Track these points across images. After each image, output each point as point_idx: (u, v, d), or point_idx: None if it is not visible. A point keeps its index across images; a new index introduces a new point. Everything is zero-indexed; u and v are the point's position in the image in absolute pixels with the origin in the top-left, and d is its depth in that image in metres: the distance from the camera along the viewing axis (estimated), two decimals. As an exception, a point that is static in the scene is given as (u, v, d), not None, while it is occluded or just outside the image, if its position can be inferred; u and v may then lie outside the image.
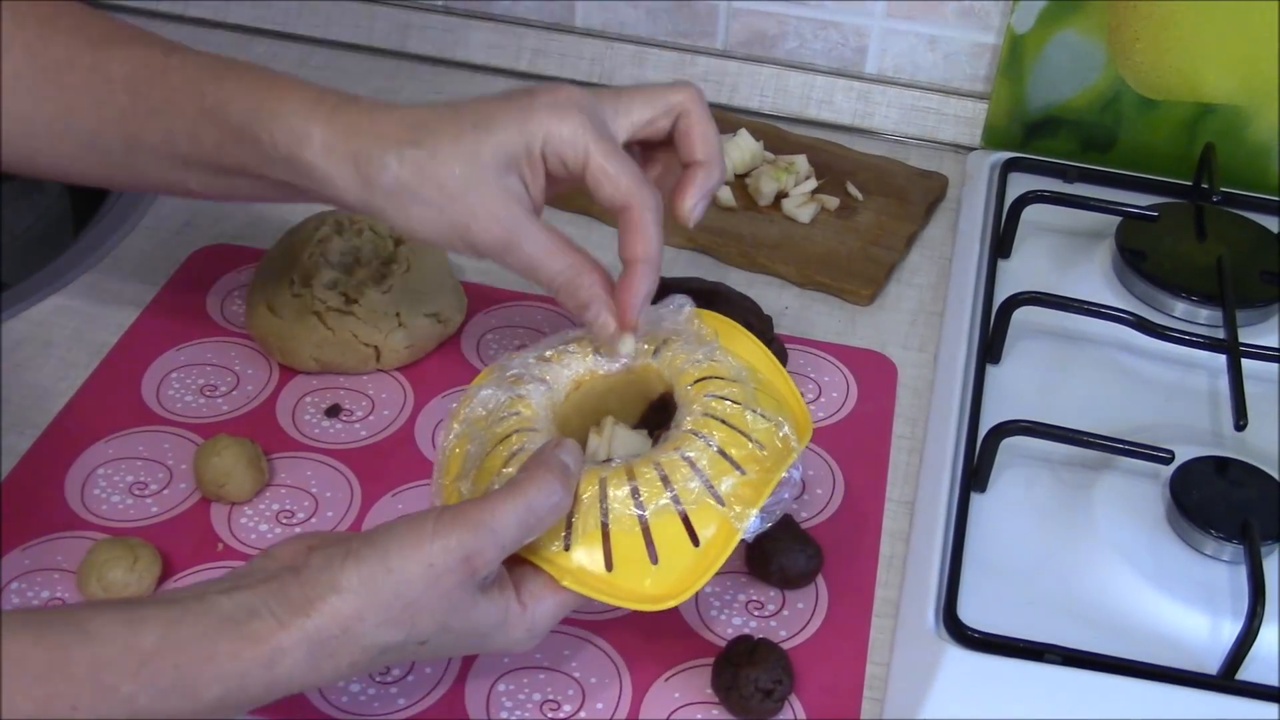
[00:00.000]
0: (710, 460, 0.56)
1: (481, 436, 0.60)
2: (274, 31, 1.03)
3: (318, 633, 0.49)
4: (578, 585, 0.55)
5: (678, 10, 0.98)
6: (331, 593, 0.50)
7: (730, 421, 0.58)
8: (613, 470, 0.56)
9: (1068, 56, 0.89)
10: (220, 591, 0.50)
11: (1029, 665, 0.58)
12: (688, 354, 0.61)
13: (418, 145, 0.58)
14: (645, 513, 0.55)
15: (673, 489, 0.55)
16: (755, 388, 0.61)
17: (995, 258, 0.81)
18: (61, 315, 0.78)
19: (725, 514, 0.56)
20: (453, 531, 0.51)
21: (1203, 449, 0.67)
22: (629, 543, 0.55)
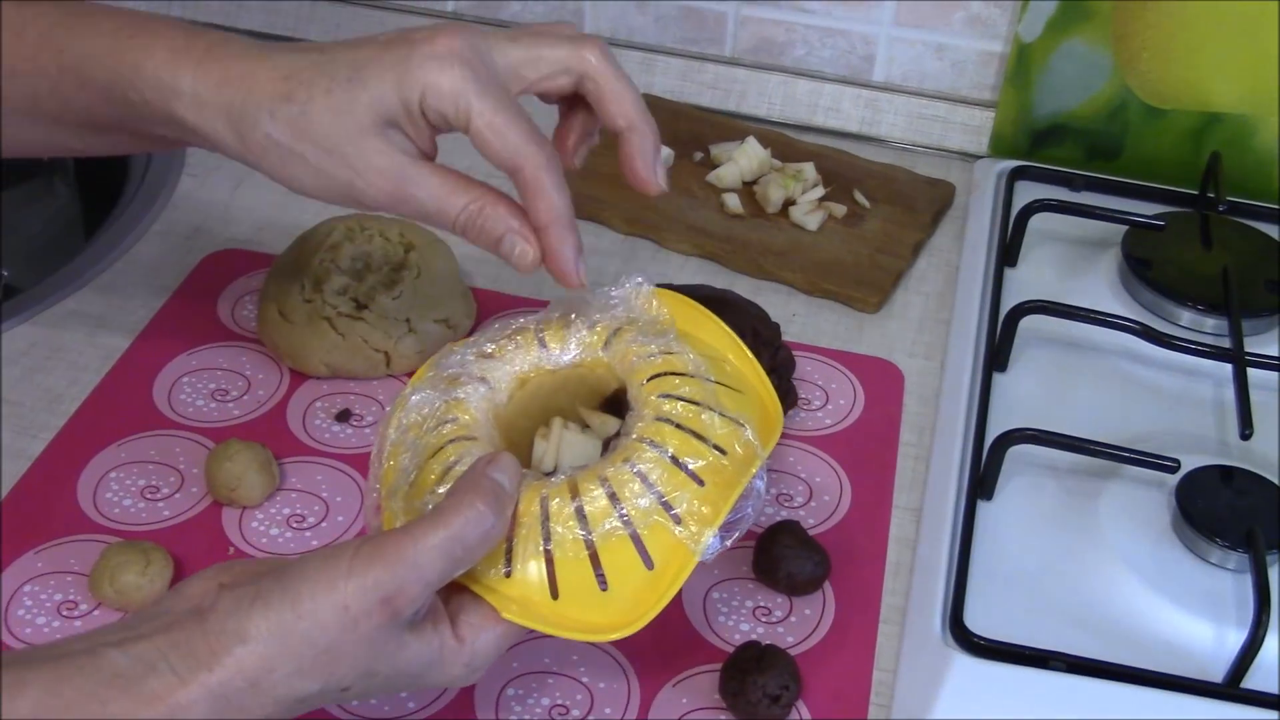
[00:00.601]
0: (664, 472, 0.52)
1: (416, 446, 0.55)
2: (285, 37, 1.03)
3: (221, 687, 0.45)
4: (520, 618, 0.50)
5: (686, 17, 0.98)
6: (237, 643, 0.45)
7: (686, 426, 0.53)
8: (555, 487, 0.52)
9: (1074, 65, 0.89)
10: (114, 644, 0.45)
11: (1035, 672, 0.59)
12: (641, 347, 0.57)
13: (289, 100, 0.55)
14: (592, 536, 0.51)
15: (622, 508, 0.51)
16: (717, 381, 0.56)
17: (1002, 266, 0.82)
18: (73, 319, 0.78)
19: (680, 535, 0.51)
20: (369, 570, 0.46)
21: (1208, 458, 0.67)
22: (575, 569, 0.51)
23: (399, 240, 0.77)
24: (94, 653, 0.45)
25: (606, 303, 0.59)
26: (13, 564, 0.64)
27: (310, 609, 0.46)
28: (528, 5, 1.00)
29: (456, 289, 0.77)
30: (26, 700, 0.43)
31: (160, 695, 0.44)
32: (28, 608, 0.62)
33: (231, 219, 0.86)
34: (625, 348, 0.58)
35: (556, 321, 0.60)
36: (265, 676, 0.46)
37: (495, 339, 0.59)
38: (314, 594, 0.46)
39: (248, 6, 1.03)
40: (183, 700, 0.44)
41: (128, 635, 0.46)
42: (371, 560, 0.47)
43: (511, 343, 0.59)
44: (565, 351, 0.59)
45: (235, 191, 0.88)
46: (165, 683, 0.44)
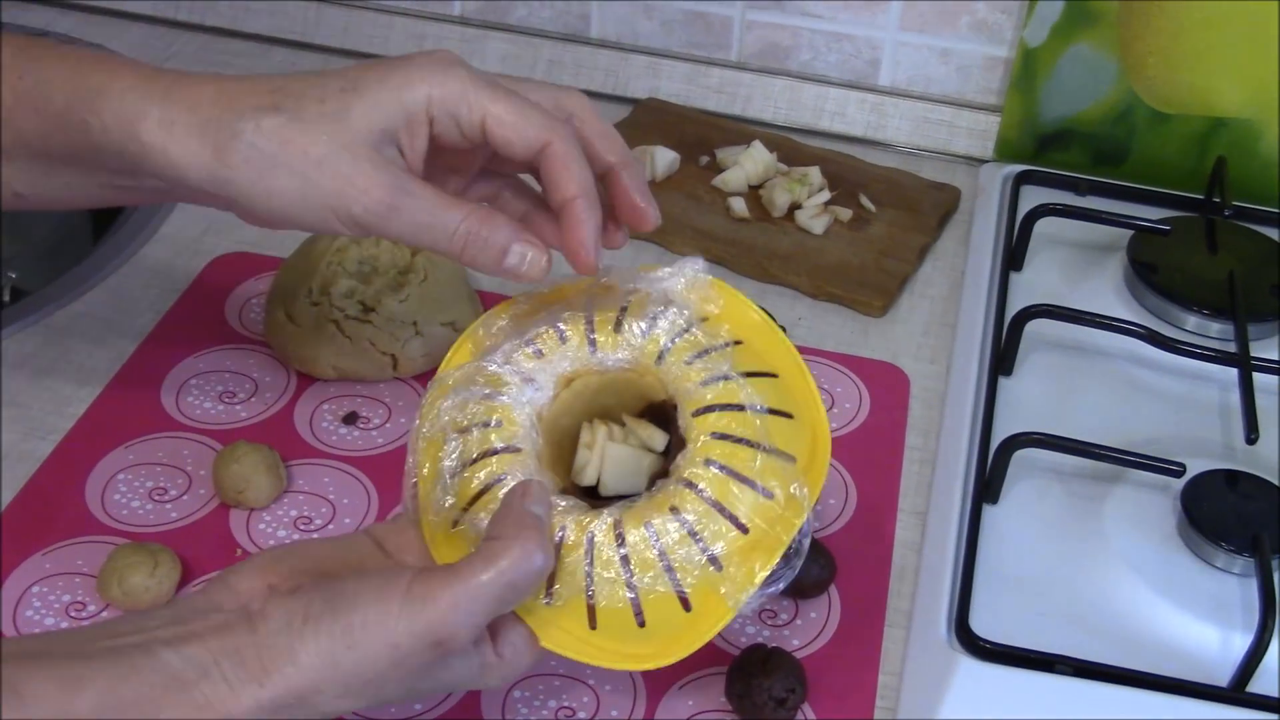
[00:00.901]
0: (710, 522, 0.52)
1: (457, 448, 0.55)
2: (291, 41, 1.04)
3: (271, 702, 0.46)
4: (558, 646, 0.51)
5: (692, 22, 0.98)
6: (287, 662, 0.46)
7: (736, 470, 0.52)
8: (602, 530, 0.52)
9: (1080, 70, 0.89)
10: (168, 642, 0.46)
11: (1040, 676, 0.59)
12: (697, 372, 0.55)
13: (277, 110, 0.52)
14: (634, 583, 0.51)
15: (667, 560, 0.51)
16: (770, 409, 0.54)
17: (1007, 270, 0.82)
18: (81, 322, 0.78)
19: (721, 589, 0.51)
20: (422, 613, 0.47)
21: (1214, 462, 0.68)
22: (617, 612, 0.51)
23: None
24: (149, 650, 0.46)
25: (661, 291, 0.57)
26: (21, 565, 0.64)
27: (361, 641, 0.47)
28: (534, 11, 1.01)
29: (463, 292, 0.78)
30: (85, 700, 0.44)
31: (211, 703, 0.46)
32: (36, 608, 0.62)
33: (239, 222, 0.85)
34: (680, 370, 0.56)
35: (607, 318, 0.57)
36: (313, 695, 0.47)
37: (544, 333, 0.57)
38: (365, 627, 0.47)
39: (254, 9, 1.04)
40: (233, 710, 0.46)
41: (180, 633, 0.47)
42: (425, 603, 0.47)
43: (561, 338, 0.57)
44: (616, 355, 0.57)
45: (242, 195, 0.88)
46: (217, 691, 0.46)
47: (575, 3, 1.00)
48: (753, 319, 0.58)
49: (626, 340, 0.57)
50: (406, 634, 0.47)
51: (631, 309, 0.57)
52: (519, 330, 0.58)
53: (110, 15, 1.05)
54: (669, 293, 0.57)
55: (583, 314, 0.58)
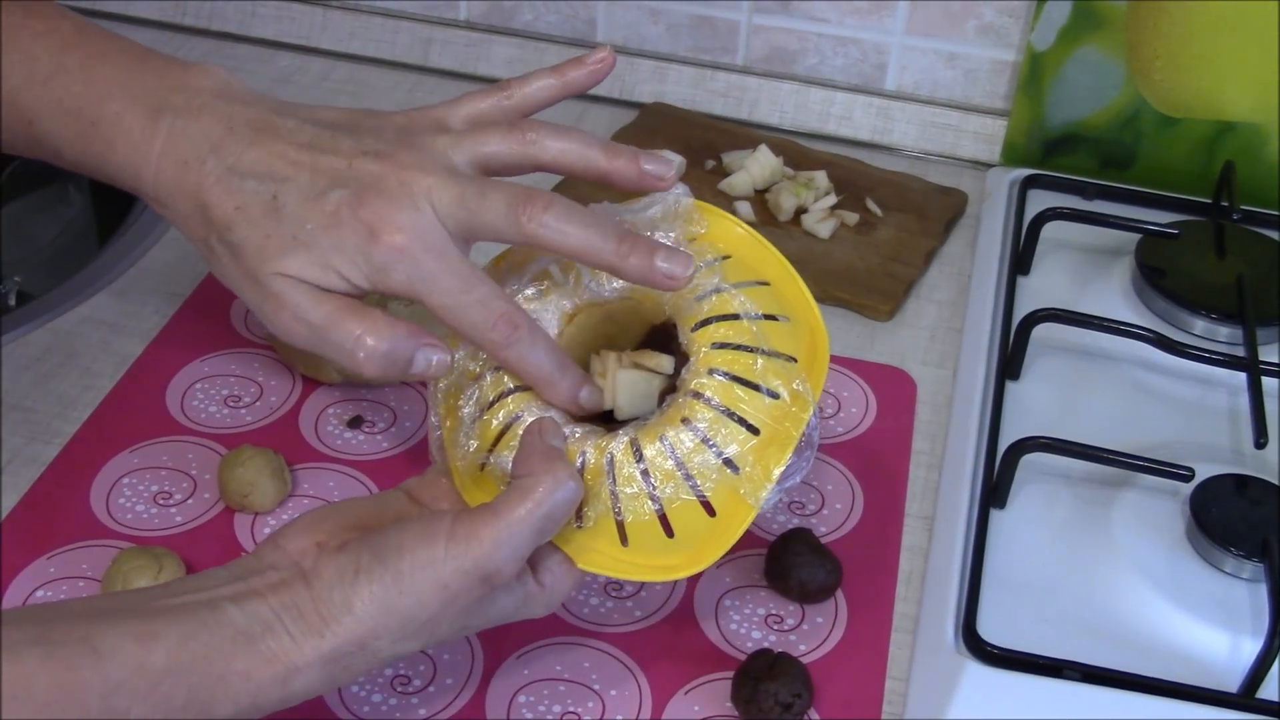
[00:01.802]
0: (721, 427, 0.54)
1: (474, 394, 0.57)
2: (298, 45, 1.04)
3: (333, 652, 0.49)
4: (595, 566, 0.54)
5: (698, 26, 0.98)
6: (344, 613, 0.49)
7: (740, 375, 0.54)
8: (619, 448, 0.54)
9: (1087, 74, 0.89)
10: (231, 599, 0.49)
11: (1048, 681, 0.58)
12: (691, 290, 0.56)
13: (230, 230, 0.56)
14: (658, 495, 0.53)
15: (685, 470, 0.53)
16: (765, 315, 0.56)
17: (1015, 274, 0.81)
18: (86, 326, 0.78)
19: (739, 488, 0.54)
20: (466, 552, 0.50)
21: (1223, 467, 0.67)
22: (644, 524, 0.54)
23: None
24: (215, 606, 0.48)
25: (646, 220, 0.58)
26: (26, 569, 0.64)
27: (412, 586, 0.49)
28: (540, 15, 1.01)
29: (469, 296, 0.77)
30: (161, 653, 0.46)
31: (277, 655, 0.48)
32: (40, 613, 0.62)
33: (244, 226, 0.86)
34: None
35: None
36: (372, 641, 0.50)
37: (537, 276, 0.59)
38: (414, 572, 0.49)
39: (260, 14, 1.04)
40: (298, 662, 0.48)
41: (242, 590, 0.49)
42: (469, 542, 0.50)
43: (559, 276, 0.59)
44: (612, 284, 0.58)
45: (248, 199, 0.88)
46: (281, 644, 0.48)
47: (581, 6, 1.00)
48: (738, 234, 0.60)
49: None
50: (456, 573, 0.50)
51: None
52: (516, 276, 0.60)
53: (117, 19, 1.05)
54: (654, 219, 0.59)
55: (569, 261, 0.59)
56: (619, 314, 0.60)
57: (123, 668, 0.45)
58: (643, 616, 0.63)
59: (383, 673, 0.60)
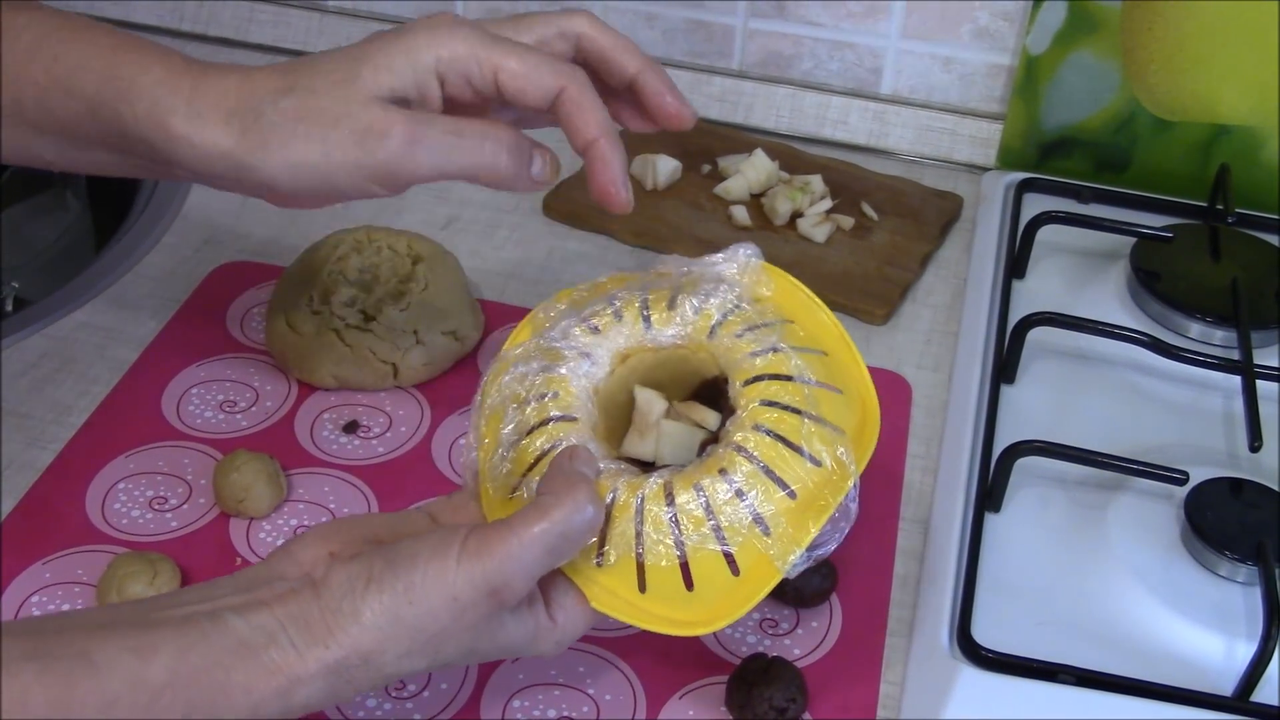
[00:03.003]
0: (758, 485, 0.53)
1: (517, 418, 0.57)
2: (294, 50, 1.04)
3: (337, 664, 0.48)
4: (608, 608, 0.53)
5: (694, 31, 0.98)
6: (353, 623, 0.48)
7: (785, 437, 0.53)
8: (652, 490, 0.53)
9: (1083, 78, 0.89)
10: (235, 609, 0.48)
11: (1043, 685, 0.58)
12: (747, 344, 0.56)
13: (292, 90, 0.55)
14: (684, 544, 0.52)
15: (715, 520, 0.52)
16: (819, 383, 0.56)
17: (1010, 278, 0.82)
18: (83, 331, 0.78)
19: (768, 551, 0.52)
20: (478, 563, 0.49)
21: (1217, 470, 0.67)
22: (665, 572, 0.53)
23: (406, 252, 0.77)
24: (217, 618, 0.47)
25: (714, 278, 0.59)
26: (21, 574, 0.64)
27: (421, 596, 0.48)
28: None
29: (464, 301, 0.77)
30: (159, 666, 0.45)
31: (280, 667, 0.47)
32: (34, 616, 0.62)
33: (240, 231, 0.87)
34: (731, 342, 0.57)
35: (661, 297, 0.59)
36: (377, 656, 0.48)
37: (601, 311, 0.59)
38: (425, 583, 0.48)
39: (258, 19, 1.04)
40: (300, 674, 0.47)
41: (248, 600, 0.48)
42: (479, 554, 0.49)
43: (617, 316, 0.59)
44: (669, 332, 0.59)
45: (244, 204, 0.89)
46: (285, 656, 0.47)
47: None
48: (803, 301, 0.60)
49: (680, 316, 0.59)
50: (466, 585, 0.48)
51: (685, 288, 0.59)
52: (576, 312, 0.60)
53: (114, 24, 1.05)
54: (722, 275, 0.59)
55: (638, 294, 0.59)
56: (672, 362, 0.59)
57: (120, 681, 0.44)
58: (638, 621, 0.63)
59: (378, 678, 0.60)
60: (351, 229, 0.78)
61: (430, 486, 0.70)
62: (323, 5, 1.03)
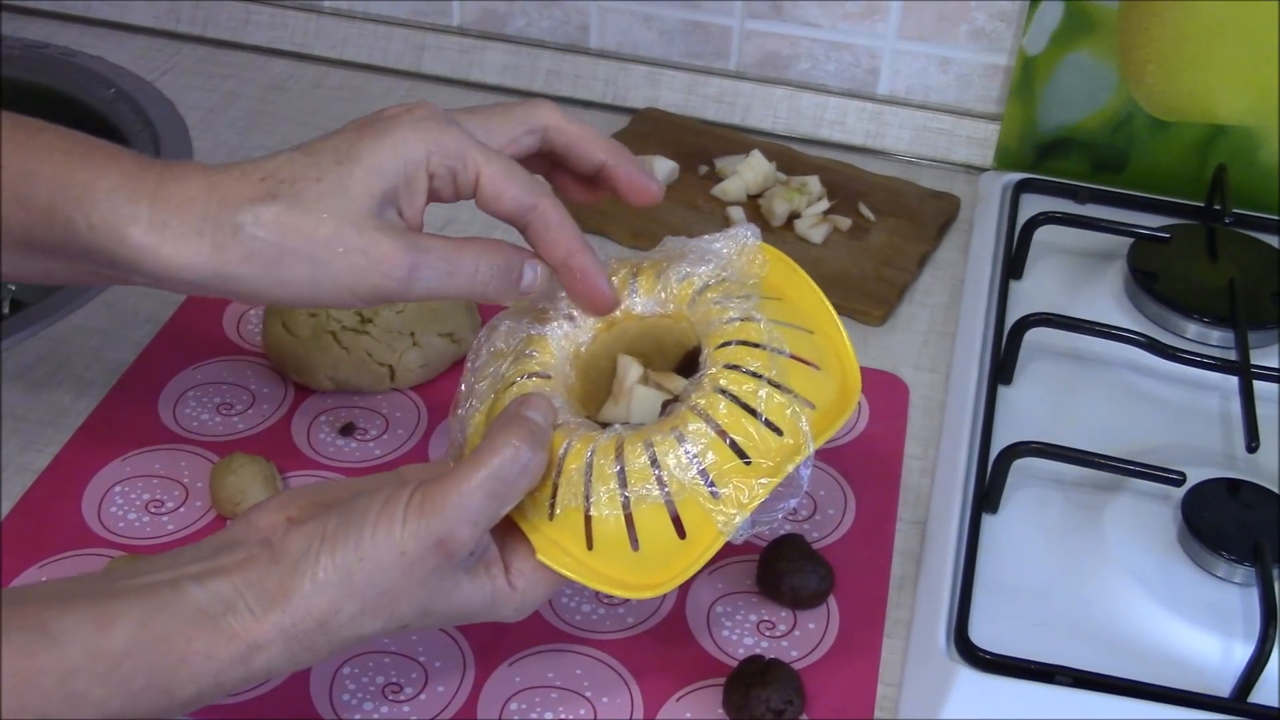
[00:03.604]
0: (709, 445, 0.52)
1: (495, 376, 0.57)
2: (291, 52, 1.04)
3: (293, 627, 0.48)
4: (555, 561, 0.53)
5: (691, 32, 0.98)
6: (307, 583, 0.48)
7: (742, 400, 0.53)
8: (602, 444, 0.53)
9: (1080, 78, 0.89)
10: (195, 577, 0.48)
11: (1040, 687, 0.58)
12: (720, 310, 0.56)
13: (274, 198, 0.51)
14: (629, 497, 0.52)
15: (661, 474, 0.52)
16: (792, 355, 0.55)
17: (1007, 279, 0.82)
18: (79, 334, 0.78)
19: (713, 514, 0.52)
20: (422, 516, 0.49)
21: (1214, 471, 0.67)
22: (609, 526, 0.52)
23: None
24: (177, 586, 0.48)
25: (705, 253, 0.59)
26: (18, 577, 0.64)
27: (371, 552, 0.49)
28: (533, 20, 1.01)
29: (460, 302, 0.77)
30: (119, 636, 0.46)
31: (238, 633, 0.48)
32: (32, 622, 0.62)
33: (237, 233, 0.86)
34: (707, 308, 0.57)
35: (652, 267, 0.60)
36: (332, 617, 0.49)
37: None
38: (374, 537, 0.49)
39: (254, 21, 1.04)
40: (259, 639, 0.48)
41: (207, 568, 0.49)
42: (423, 506, 0.49)
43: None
44: (652, 301, 0.59)
45: (241, 206, 0.88)
46: (242, 622, 0.48)
47: (574, 12, 1.00)
48: (797, 282, 0.60)
49: (664, 285, 0.59)
50: (412, 538, 0.49)
51: (675, 261, 0.59)
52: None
53: (111, 27, 1.05)
54: (717, 251, 0.59)
55: (630, 263, 0.60)
56: (656, 332, 0.59)
57: (80, 651, 0.45)
58: (635, 623, 0.63)
59: (374, 680, 0.60)
60: (348, 231, 0.78)
61: (427, 489, 0.69)
62: (319, 6, 1.03)
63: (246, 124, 0.97)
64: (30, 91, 1.00)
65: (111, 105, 0.97)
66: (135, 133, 0.95)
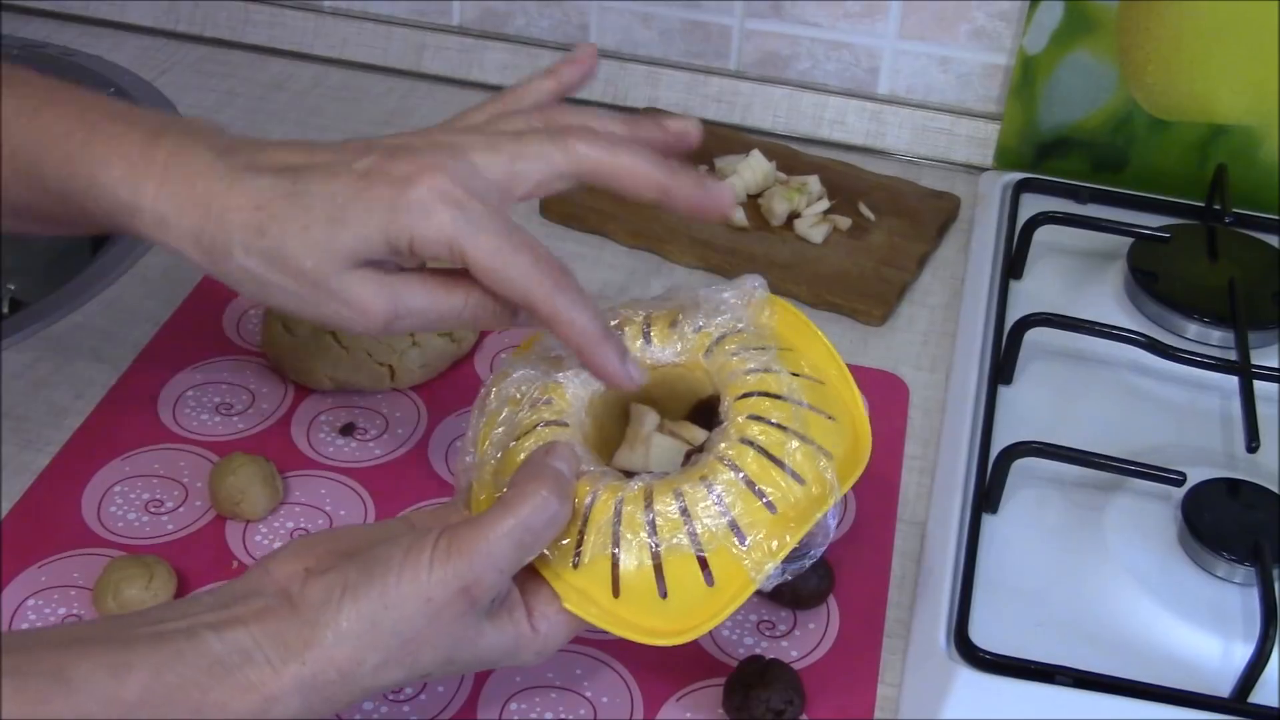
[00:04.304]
0: (738, 496, 0.53)
1: (510, 422, 0.57)
2: (290, 52, 1.04)
3: (313, 679, 0.47)
4: (579, 609, 0.53)
5: (691, 31, 0.98)
6: (328, 634, 0.48)
7: (769, 451, 0.54)
8: (631, 493, 0.53)
9: (1080, 78, 0.89)
10: (211, 626, 0.47)
11: (1040, 687, 0.58)
12: (739, 361, 0.57)
13: (262, 233, 0.52)
14: (659, 548, 0.52)
15: (692, 525, 0.52)
16: (810, 406, 0.56)
17: (1007, 278, 0.81)
18: (79, 333, 0.78)
19: (744, 562, 0.53)
20: (449, 562, 0.49)
21: (1215, 471, 0.67)
22: (638, 574, 0.53)
23: (403, 254, 0.77)
24: (194, 635, 0.47)
25: (718, 304, 0.60)
26: (17, 577, 0.64)
27: (396, 600, 0.48)
28: (533, 20, 1.01)
29: (461, 302, 0.77)
30: (133, 684, 0.45)
31: (255, 685, 0.47)
32: (31, 621, 0.62)
33: (237, 233, 0.86)
34: (725, 359, 0.58)
35: (665, 316, 0.60)
36: (355, 668, 0.48)
37: None
38: (399, 585, 0.48)
39: (253, 21, 1.04)
40: (276, 691, 0.47)
41: (224, 617, 0.48)
42: (450, 553, 0.49)
43: (618, 332, 0.59)
44: (667, 350, 0.59)
45: (241, 205, 0.89)
46: (260, 673, 0.47)
47: (574, 11, 1.00)
48: (805, 332, 0.61)
49: (679, 335, 0.59)
50: (439, 585, 0.48)
51: (687, 311, 0.60)
52: None
53: (110, 26, 1.05)
54: (727, 301, 0.60)
55: (642, 313, 0.60)
56: (669, 380, 0.60)
57: (94, 699, 0.44)
58: (635, 623, 0.63)
59: (374, 681, 0.60)
60: (348, 230, 0.78)
61: (427, 487, 0.69)
62: (318, 6, 1.03)
63: (246, 123, 0.97)
64: (30, 91, 1.00)
65: (111, 105, 0.97)
66: (135, 132, 0.95)
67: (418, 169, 0.52)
